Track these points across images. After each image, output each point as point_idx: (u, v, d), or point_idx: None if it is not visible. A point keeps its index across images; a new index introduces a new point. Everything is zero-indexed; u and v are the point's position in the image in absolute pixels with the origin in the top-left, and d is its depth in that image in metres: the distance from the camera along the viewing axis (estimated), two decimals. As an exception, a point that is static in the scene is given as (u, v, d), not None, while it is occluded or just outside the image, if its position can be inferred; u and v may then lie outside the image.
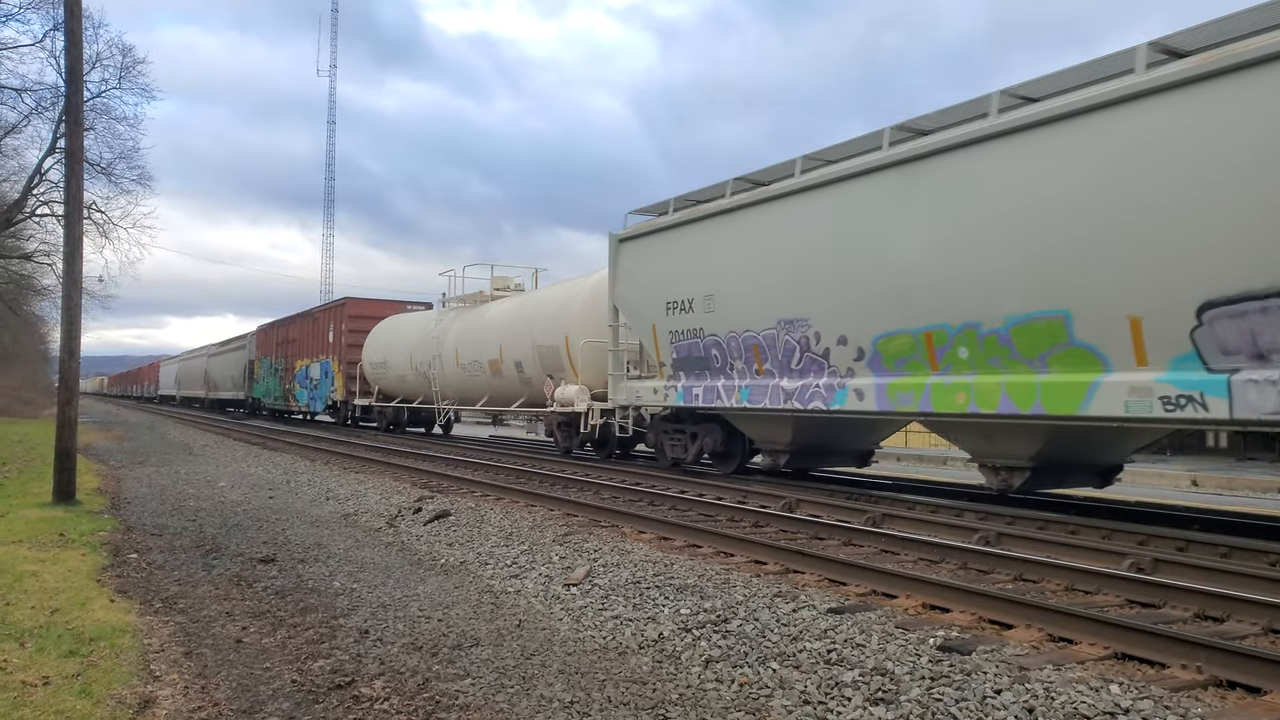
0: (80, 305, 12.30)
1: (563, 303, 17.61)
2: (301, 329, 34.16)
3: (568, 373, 16.88)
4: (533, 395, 18.83)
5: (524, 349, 18.51)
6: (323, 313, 32.49)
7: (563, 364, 17.02)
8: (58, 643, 5.30)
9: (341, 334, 29.69)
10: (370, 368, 27.51)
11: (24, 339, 57.22)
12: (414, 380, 24.79)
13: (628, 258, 14.56)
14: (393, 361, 25.97)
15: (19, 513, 10.56)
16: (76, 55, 12.22)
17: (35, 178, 33.58)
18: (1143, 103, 7.56)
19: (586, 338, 16.14)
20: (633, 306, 14.52)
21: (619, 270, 14.75)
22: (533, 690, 4.63)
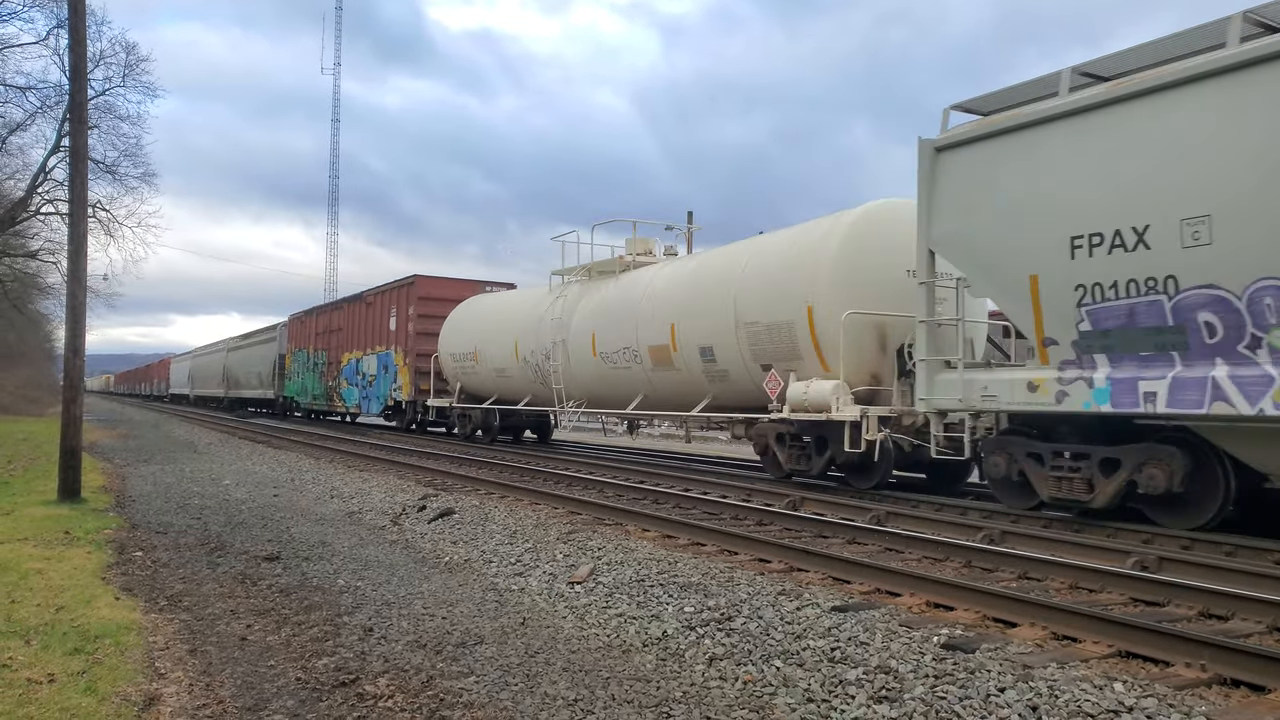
0: (85, 303, 12.33)
1: (797, 257, 12.20)
2: (350, 316, 29.53)
3: (808, 361, 11.86)
4: (728, 394, 13.69)
5: (717, 328, 13.29)
6: (381, 296, 27.23)
7: (797, 348, 11.96)
8: (63, 640, 5.32)
9: (408, 320, 24.71)
10: (451, 360, 21.95)
11: (29, 337, 57.32)
12: (519, 376, 19.28)
13: (962, 175, 9.48)
14: (487, 353, 20.35)
15: (24, 510, 10.59)
16: (80, 53, 12.24)
17: (40, 176, 33.67)
18: None
19: (848, 308, 11.09)
20: (975, 251, 9.41)
21: (942, 196, 9.68)
22: (537, 688, 4.63)
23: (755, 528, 8.93)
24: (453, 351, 22.01)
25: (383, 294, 27.13)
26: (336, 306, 31.77)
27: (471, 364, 21.14)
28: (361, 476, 14.15)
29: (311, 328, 33.89)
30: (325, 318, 32.63)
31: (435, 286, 25.10)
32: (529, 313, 19.02)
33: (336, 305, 31.94)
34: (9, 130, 33.44)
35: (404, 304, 25.28)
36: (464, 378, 21.87)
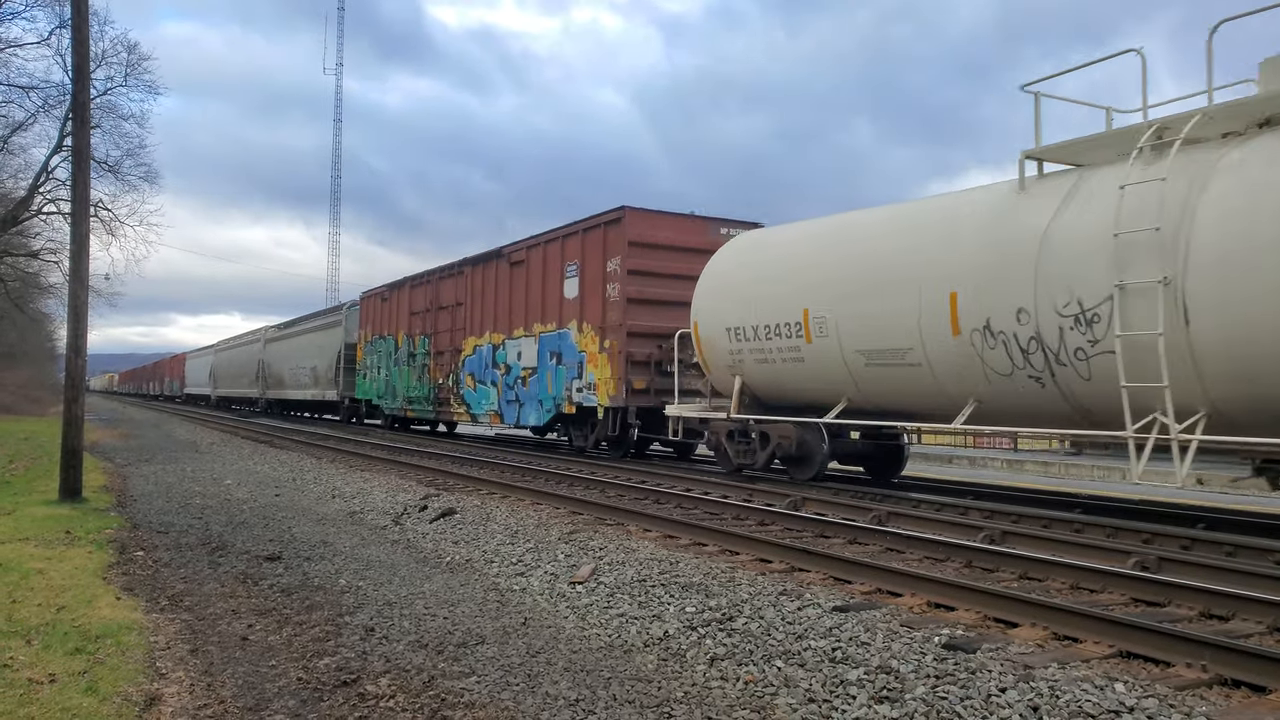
0: (87, 303, 12.34)
1: None
2: (478, 284, 20.72)
3: None
4: None
5: None
6: (544, 248, 18.03)
7: None
8: (64, 640, 5.33)
9: (609, 280, 15.84)
10: (730, 341, 12.70)
11: (30, 337, 57.36)
12: (943, 365, 9.84)
13: None
14: (845, 323, 10.93)
15: (26, 510, 10.60)
16: (83, 53, 12.25)
17: (42, 175, 33.73)
18: None
19: None
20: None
21: None
22: (538, 688, 4.64)
23: (756, 528, 8.94)
24: (735, 324, 12.54)
25: (549, 244, 17.88)
26: (452, 272, 22.35)
27: (787, 344, 11.73)
28: (363, 476, 14.15)
29: (401, 306, 25.40)
30: (428, 290, 23.65)
31: (655, 226, 15.84)
32: (1007, 235, 9.10)
33: (452, 270, 22.37)
34: (11, 130, 33.54)
35: (598, 254, 16.18)
36: (758, 371, 12.40)
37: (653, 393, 15.36)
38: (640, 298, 15.57)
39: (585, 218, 16.84)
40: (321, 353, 32.42)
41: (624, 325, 15.41)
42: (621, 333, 15.39)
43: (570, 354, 16.89)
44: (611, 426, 15.73)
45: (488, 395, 20.05)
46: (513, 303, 19.16)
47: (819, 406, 11.64)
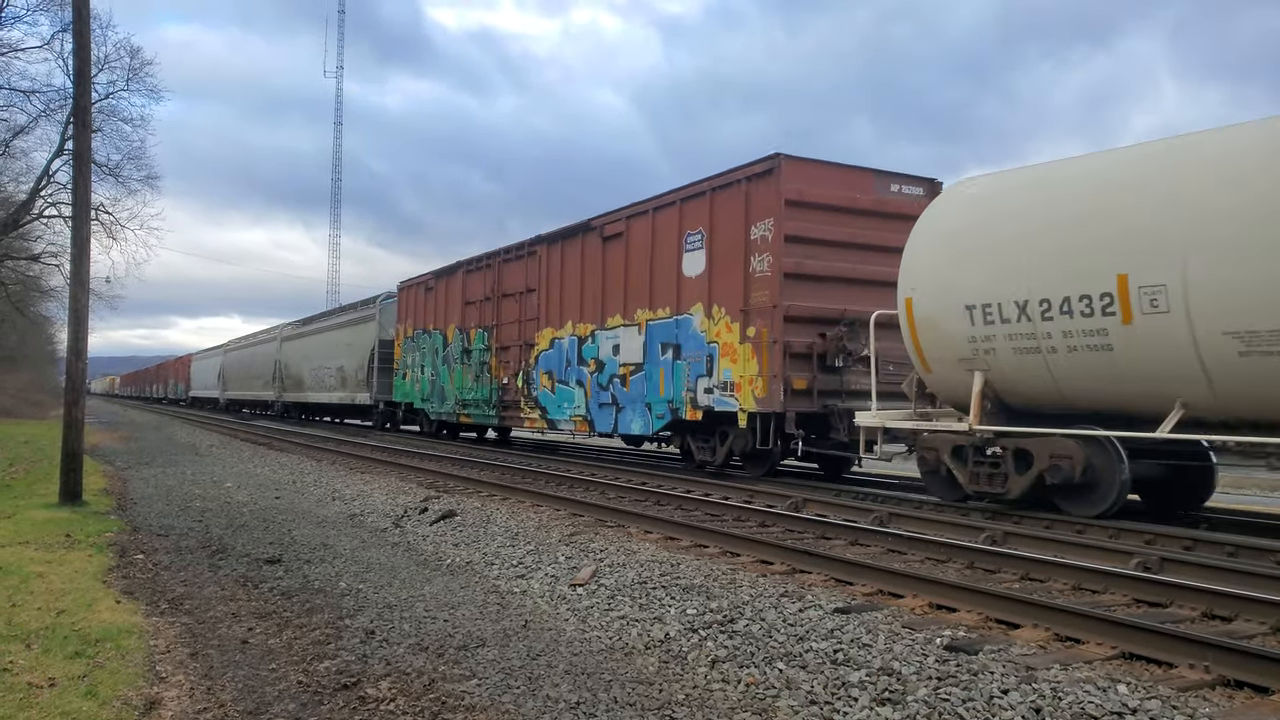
0: (87, 306, 12.33)
1: None
2: (559, 262, 17.20)
3: None
4: None
5: None
6: (664, 213, 14.36)
7: None
8: (64, 644, 5.32)
9: (753, 250, 12.50)
10: (964, 326, 9.43)
11: (31, 340, 57.40)
12: None
13: None
14: (1212, 293, 7.55)
15: (26, 514, 10.59)
16: (84, 57, 12.26)
17: (43, 179, 33.75)
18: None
19: None
20: None
21: None
22: (539, 691, 4.62)
23: (758, 529, 8.92)
24: (982, 301, 9.26)
25: (659, 212, 14.38)
26: (519, 253, 18.83)
27: (1083, 326, 8.48)
28: (363, 479, 14.15)
29: (452, 295, 21.99)
30: (488, 275, 20.14)
31: (817, 181, 12.42)
32: None
33: (519, 252, 18.86)
34: (13, 133, 33.56)
35: (736, 218, 12.75)
36: (1017, 365, 9.16)
37: (815, 394, 12.08)
38: (800, 272, 12.13)
39: (714, 174, 13.33)
40: (350, 351, 28.99)
41: (780, 307, 11.94)
42: (776, 317, 11.96)
43: (693, 345, 13.46)
44: (760, 437, 12.09)
45: (571, 397, 16.67)
46: (606, 286, 15.68)
47: (1123, 414, 8.67)
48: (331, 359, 31.37)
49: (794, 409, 11.92)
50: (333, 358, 31.20)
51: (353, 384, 29.07)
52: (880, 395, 10.97)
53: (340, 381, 30.28)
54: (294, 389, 35.94)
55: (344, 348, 30.03)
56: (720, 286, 13.08)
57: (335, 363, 30.95)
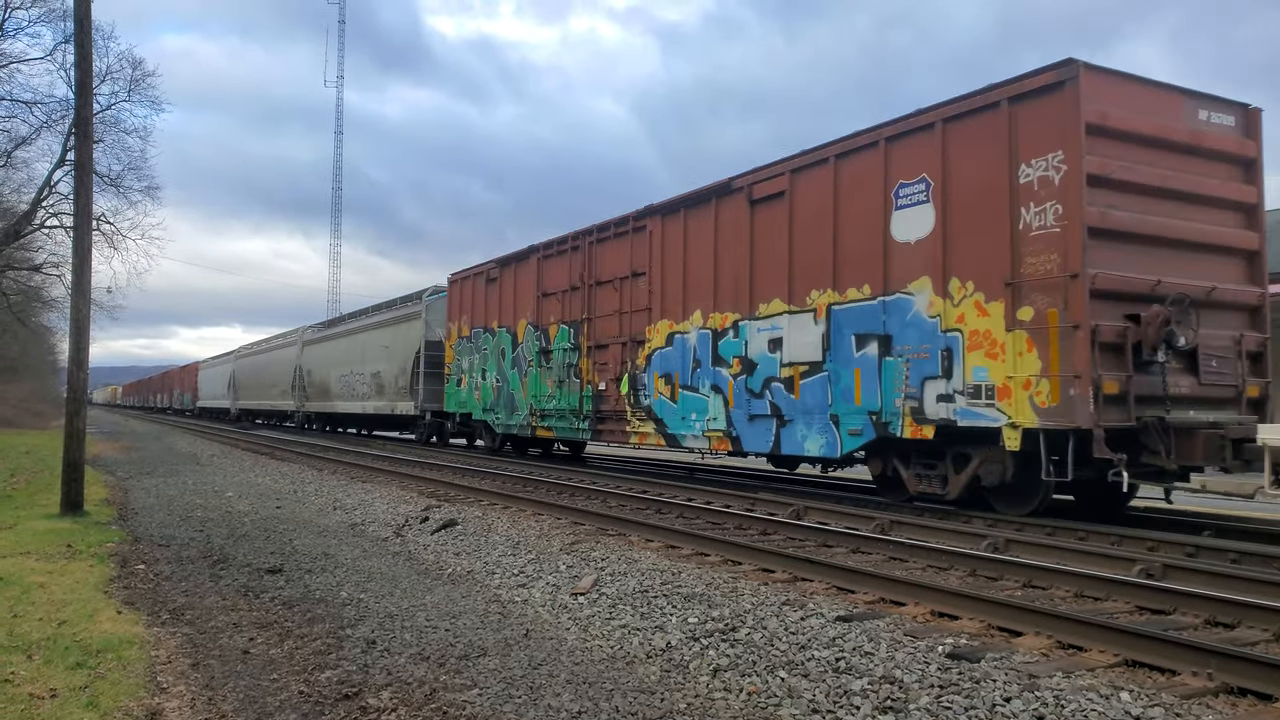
0: (89, 316, 12.35)
1: None
2: (680, 237, 14.19)
3: None
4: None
5: None
6: (860, 157, 11.05)
7: None
8: (65, 654, 5.31)
9: (1025, 197, 9.19)
10: None
11: (32, 350, 57.42)
12: None
13: None
14: None
15: (27, 524, 10.59)
16: (86, 69, 12.30)
17: (45, 190, 33.79)
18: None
19: None
20: None
21: None
22: (540, 700, 4.62)
23: (759, 537, 8.91)
24: None
25: (847, 158, 11.25)
26: (620, 230, 15.70)
27: None
28: (364, 488, 14.14)
29: (521, 286, 18.90)
30: (573, 260, 17.05)
31: (1123, 99, 9.26)
32: None
33: (619, 228, 15.76)
34: (15, 144, 33.65)
35: (991, 155, 9.63)
36: None
37: (1130, 401, 8.71)
38: (1106, 227, 8.86)
39: (943, 102, 10.10)
40: (389, 355, 25.81)
41: (1082, 278, 8.61)
42: (1075, 292, 8.65)
43: (914, 335, 10.19)
44: (1046, 466, 8.85)
45: (702, 407, 13.43)
46: (757, 263, 12.48)
47: None
48: (365, 364, 28.08)
49: (1105, 423, 8.51)
50: (367, 363, 27.95)
51: (392, 392, 25.81)
52: (1198, 401, 8.97)
53: (376, 389, 27.12)
54: (318, 398, 32.64)
55: (381, 351, 26.77)
56: (963, 252, 9.72)
57: (370, 368, 27.73)
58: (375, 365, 27.46)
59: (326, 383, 32.10)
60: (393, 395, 26.01)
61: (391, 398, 26.01)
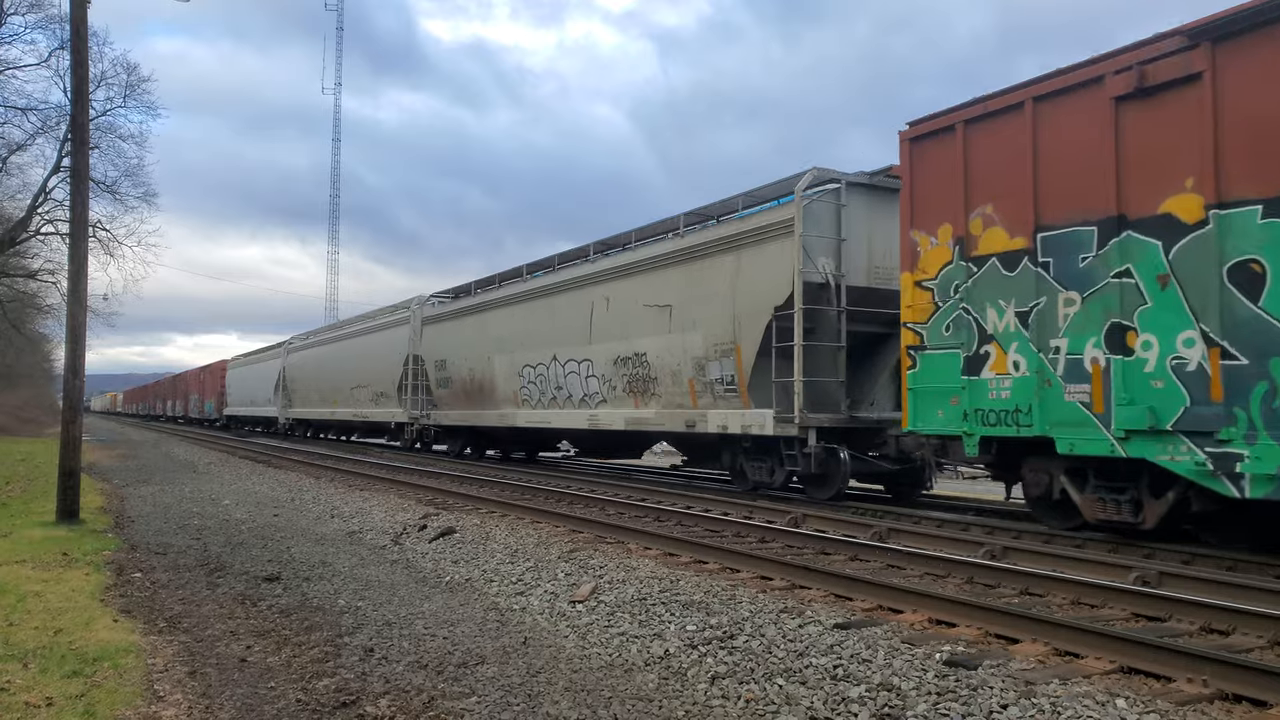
0: (85, 323, 12.35)
1: None
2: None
3: None
4: None
5: None
6: None
7: None
8: (61, 663, 5.30)
9: None
10: None
11: (28, 357, 57.33)
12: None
13: None
14: None
15: (23, 532, 10.57)
16: (82, 75, 12.31)
17: (40, 196, 33.82)
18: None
19: None
20: None
21: None
22: (538, 708, 4.62)
23: (757, 545, 8.92)
24: None
25: None
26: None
27: None
28: (362, 496, 14.12)
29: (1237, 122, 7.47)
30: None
31: None
32: None
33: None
34: (10, 150, 33.68)
35: None
36: None
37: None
38: None
39: None
40: (731, 318, 13.15)
41: None
42: None
43: None
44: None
45: None
46: None
47: None
48: (604, 346, 15.92)
49: None
50: (630, 334, 15.25)
51: (728, 391, 13.27)
52: None
53: (695, 386, 13.86)
54: (464, 403, 21.47)
55: (698, 304, 13.69)
56: None
57: (625, 349, 15.35)
58: (643, 341, 15.11)
59: (483, 382, 20.38)
60: (723, 395, 13.56)
61: (725, 400, 13.50)
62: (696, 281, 13.91)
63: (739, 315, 12.98)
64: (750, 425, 12.75)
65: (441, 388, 23.15)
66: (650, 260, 15.18)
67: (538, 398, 18.61)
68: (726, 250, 13.34)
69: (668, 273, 14.66)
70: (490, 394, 20.59)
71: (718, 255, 13.50)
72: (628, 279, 15.69)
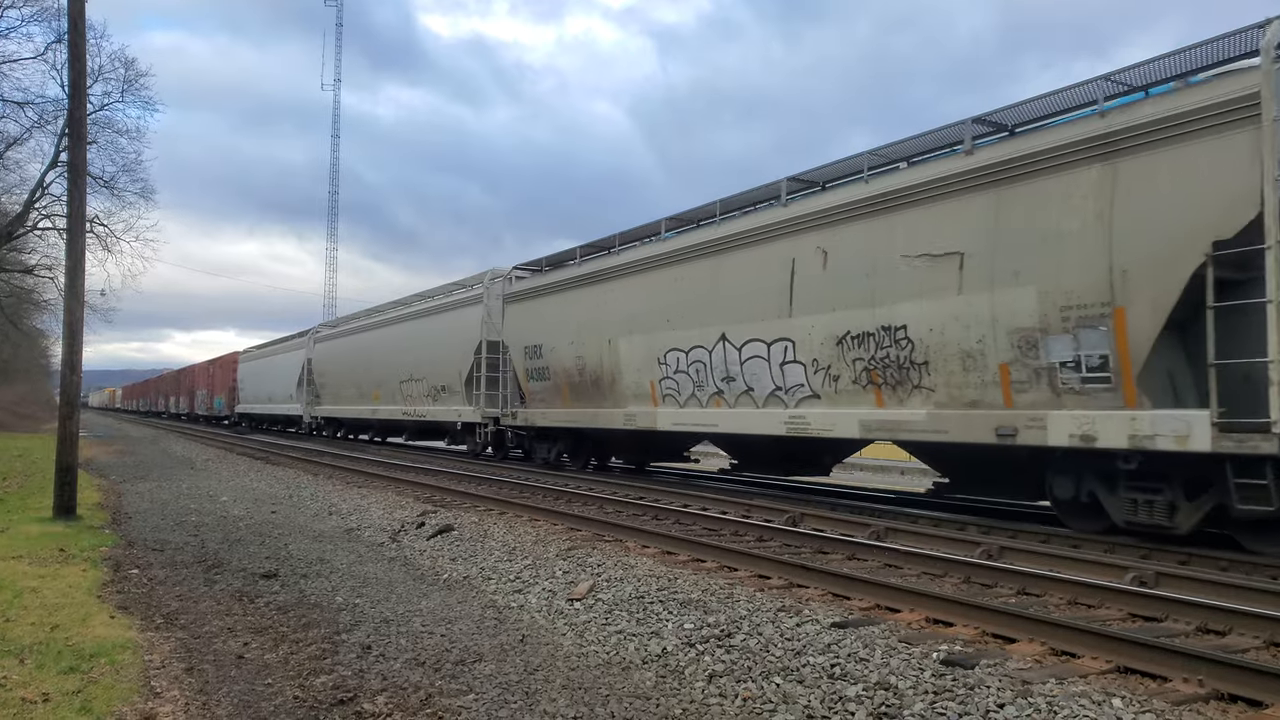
0: (82, 319, 12.32)
1: None
2: None
3: None
4: None
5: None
6: None
7: None
8: (58, 659, 5.30)
9: None
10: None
11: (24, 353, 57.24)
12: None
13: None
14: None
15: (19, 528, 10.55)
16: (79, 69, 12.28)
17: (37, 191, 33.72)
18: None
19: None
20: None
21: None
22: (536, 706, 4.62)
23: (755, 544, 8.93)
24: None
25: None
26: None
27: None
28: (360, 493, 14.12)
29: None
30: None
31: None
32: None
33: None
34: (6, 145, 33.56)
35: None
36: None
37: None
38: None
39: None
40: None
41: None
42: None
43: None
44: None
45: None
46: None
47: None
48: (863, 305, 10.87)
49: None
50: (874, 299, 10.73)
51: (1089, 381, 8.59)
52: None
53: (1012, 373, 9.20)
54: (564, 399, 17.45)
55: (1024, 249, 9.10)
56: None
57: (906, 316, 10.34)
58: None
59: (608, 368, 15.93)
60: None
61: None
62: (1018, 215, 9.14)
63: (1123, 262, 8.22)
64: (1149, 434, 8.07)
65: (535, 380, 18.42)
66: (919, 188, 10.19)
67: (691, 392, 13.99)
68: (1084, 161, 8.60)
69: (952, 205, 9.82)
70: (611, 388, 16.03)
71: (1068, 170, 8.71)
72: (863, 220, 10.87)
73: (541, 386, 18.30)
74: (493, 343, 19.96)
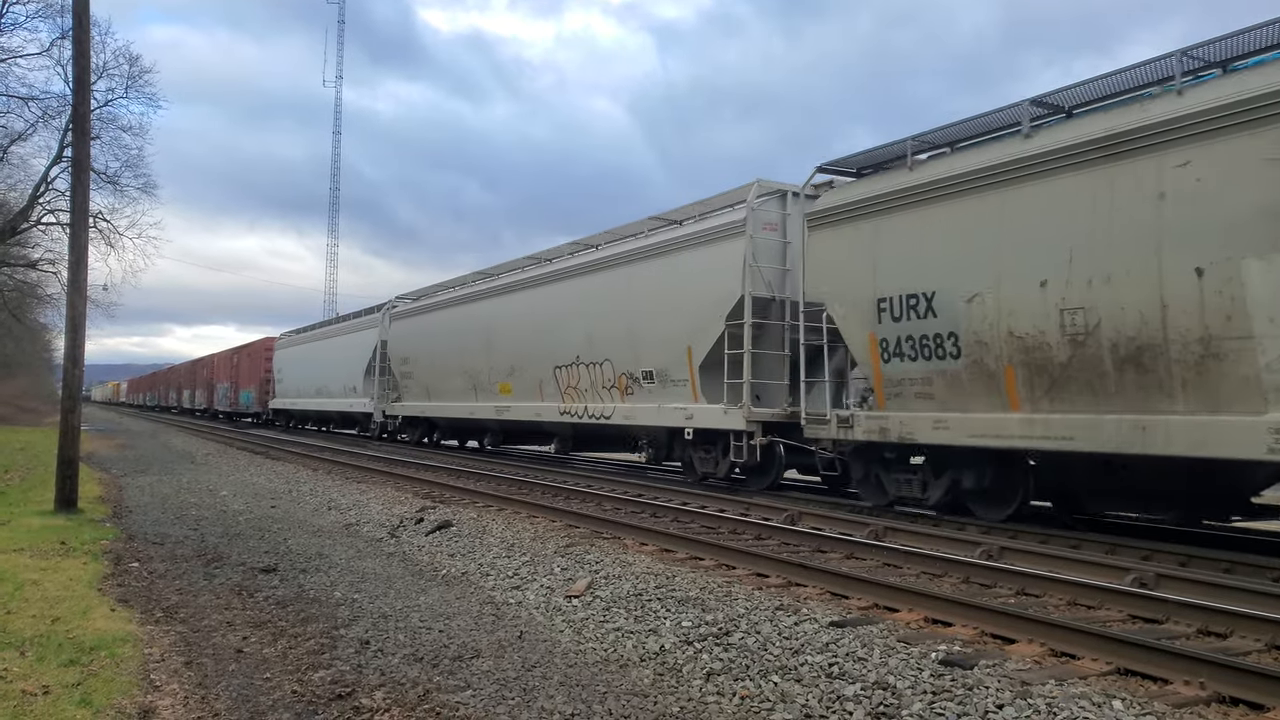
0: (85, 314, 12.33)
1: None
2: None
3: None
4: None
5: None
6: None
7: None
8: (58, 651, 5.30)
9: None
10: None
11: (27, 347, 57.30)
12: None
13: None
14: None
15: (21, 521, 10.57)
16: (84, 65, 12.29)
17: (41, 186, 33.75)
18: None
19: None
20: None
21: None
22: (533, 702, 4.62)
23: (753, 542, 8.92)
24: None
25: None
26: None
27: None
28: (359, 488, 14.12)
29: None
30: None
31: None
32: None
33: None
34: (11, 140, 33.61)
35: None
36: None
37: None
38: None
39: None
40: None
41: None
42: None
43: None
44: None
45: None
46: None
47: None
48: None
49: None
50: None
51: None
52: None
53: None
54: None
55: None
56: None
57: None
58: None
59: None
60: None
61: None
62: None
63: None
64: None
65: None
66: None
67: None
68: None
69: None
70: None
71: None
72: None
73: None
74: (761, 299, 12.63)
